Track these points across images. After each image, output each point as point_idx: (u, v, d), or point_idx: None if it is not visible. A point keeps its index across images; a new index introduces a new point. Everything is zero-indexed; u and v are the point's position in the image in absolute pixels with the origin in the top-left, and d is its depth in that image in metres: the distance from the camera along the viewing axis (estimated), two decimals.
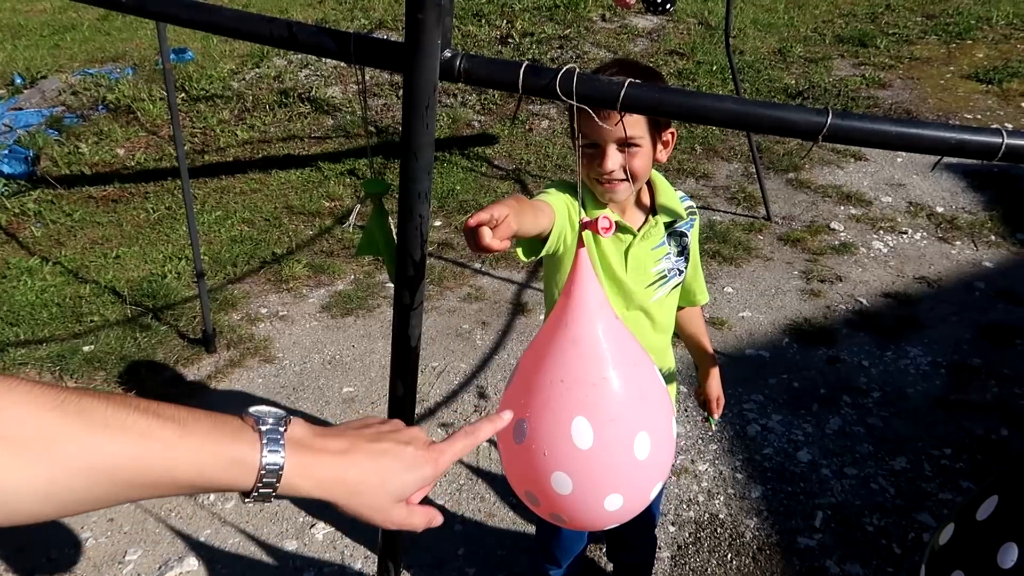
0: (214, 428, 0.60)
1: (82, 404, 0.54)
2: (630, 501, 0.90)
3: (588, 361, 0.86)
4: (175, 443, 0.57)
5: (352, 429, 0.72)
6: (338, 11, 7.64)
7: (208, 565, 2.45)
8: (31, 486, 0.51)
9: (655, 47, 6.64)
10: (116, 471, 0.54)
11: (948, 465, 2.74)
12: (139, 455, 0.55)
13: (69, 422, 0.52)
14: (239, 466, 0.60)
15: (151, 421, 0.57)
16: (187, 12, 0.85)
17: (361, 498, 0.67)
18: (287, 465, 0.62)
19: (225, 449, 0.59)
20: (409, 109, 0.76)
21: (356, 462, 0.67)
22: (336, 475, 0.65)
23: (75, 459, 0.52)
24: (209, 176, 5.03)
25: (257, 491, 0.61)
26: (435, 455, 0.72)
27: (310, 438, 0.66)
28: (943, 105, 5.63)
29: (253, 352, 3.45)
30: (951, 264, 3.94)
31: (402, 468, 0.69)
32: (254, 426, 0.63)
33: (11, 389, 0.52)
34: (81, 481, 0.53)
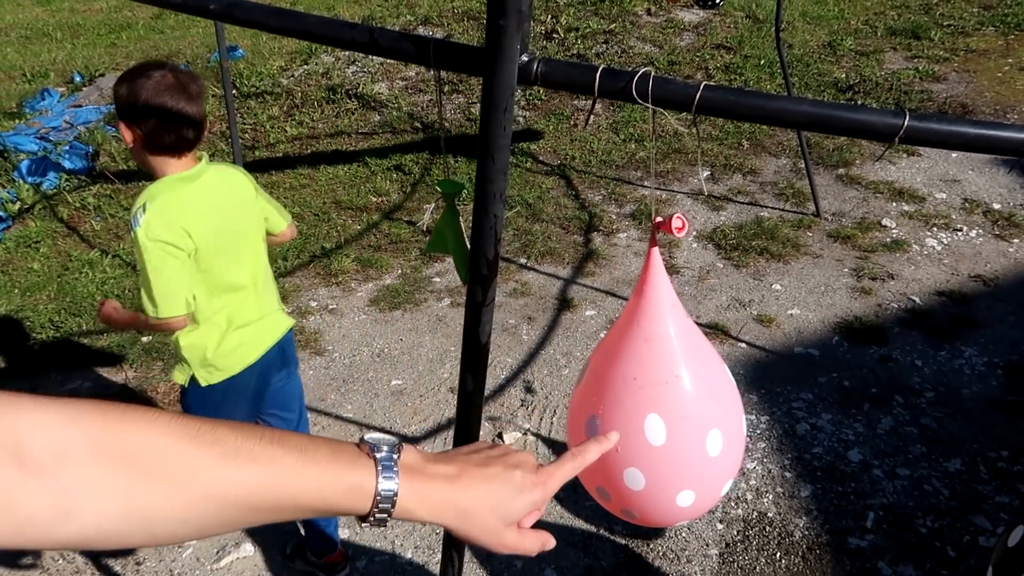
0: (333, 456, 0.63)
1: (216, 435, 0.58)
2: (702, 497, 0.92)
3: (660, 359, 0.88)
4: (299, 471, 0.60)
5: (462, 455, 0.74)
6: (384, 7, 7.72)
7: (264, 551, 2.51)
8: (171, 512, 0.55)
9: (701, 41, 6.58)
10: (246, 498, 0.58)
11: (1005, 468, 2.69)
12: (266, 482, 0.59)
13: (204, 452, 0.57)
14: (357, 492, 0.63)
15: (276, 450, 0.60)
16: (276, 19, 0.89)
17: (472, 522, 0.69)
18: (401, 491, 0.64)
19: (344, 476, 0.63)
20: (487, 112, 0.78)
21: (466, 487, 0.69)
22: (447, 500, 0.68)
23: (210, 487, 0.57)
24: (259, 171, 5.13)
25: (374, 516, 0.64)
26: (544, 479, 0.74)
27: (422, 464, 0.69)
28: (1000, 99, 5.48)
29: (304, 344, 3.52)
30: (1008, 262, 3.84)
31: (511, 492, 0.71)
32: (369, 453, 0.65)
33: (154, 421, 0.56)
34: (215, 507, 0.57)
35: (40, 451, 0.50)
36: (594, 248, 4.15)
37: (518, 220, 4.43)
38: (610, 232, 4.30)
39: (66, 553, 2.54)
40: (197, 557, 2.51)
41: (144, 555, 2.53)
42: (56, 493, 0.51)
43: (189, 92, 1.84)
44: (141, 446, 0.55)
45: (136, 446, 0.54)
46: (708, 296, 3.71)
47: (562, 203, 4.62)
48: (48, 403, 0.53)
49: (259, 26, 0.91)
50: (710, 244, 4.14)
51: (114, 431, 0.54)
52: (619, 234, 4.28)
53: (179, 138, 1.84)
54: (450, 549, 1.09)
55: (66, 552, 2.55)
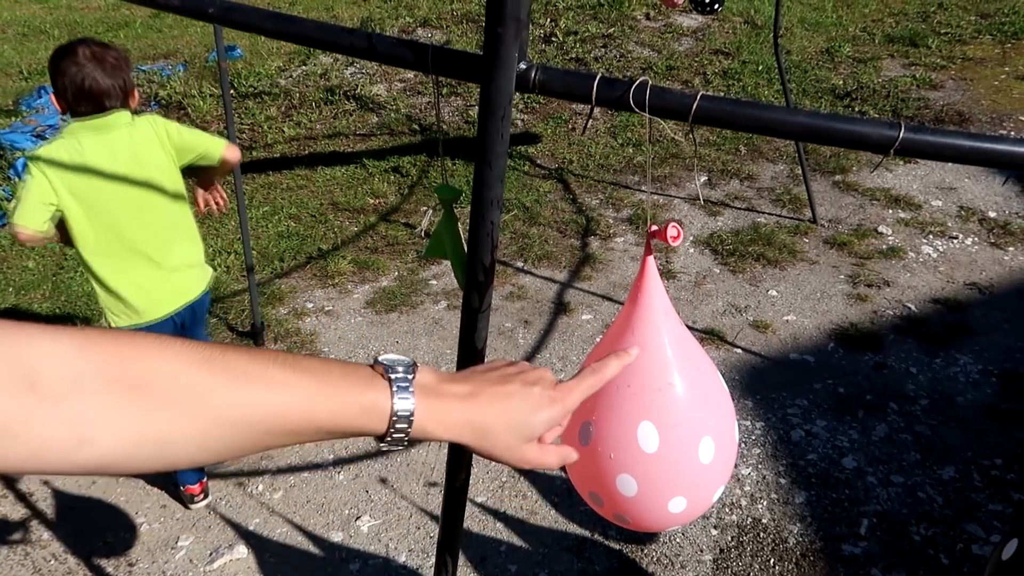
0: (346, 377, 0.63)
1: (226, 359, 0.58)
2: (694, 504, 0.92)
3: (654, 367, 0.88)
4: (312, 393, 0.60)
5: (479, 372, 0.74)
6: (383, 9, 7.72)
7: (257, 554, 2.51)
8: (187, 437, 0.56)
9: (700, 46, 6.59)
10: (260, 421, 0.58)
11: (999, 476, 2.69)
12: (280, 405, 0.59)
13: (217, 377, 0.57)
14: (372, 412, 0.63)
15: (288, 373, 0.60)
16: (273, 23, 0.89)
17: (491, 440, 0.69)
18: (417, 410, 0.64)
19: (358, 396, 0.63)
20: (485, 119, 0.78)
21: (483, 405, 0.69)
22: (464, 418, 0.68)
23: (224, 411, 0.57)
24: (257, 172, 5.13)
25: (391, 436, 0.64)
26: (562, 394, 0.73)
27: (437, 383, 0.68)
28: (997, 107, 5.50)
29: (300, 346, 3.52)
30: (1004, 270, 3.85)
31: (529, 409, 0.70)
32: (384, 374, 0.65)
33: (165, 348, 0.56)
34: (230, 431, 0.57)
35: (53, 380, 0.51)
36: (591, 252, 4.15)
37: (515, 223, 4.44)
38: (607, 236, 4.30)
39: (58, 553, 2.54)
40: (190, 559, 2.50)
41: (137, 556, 2.53)
42: (71, 421, 0.52)
43: (104, 64, 2.07)
44: (153, 373, 0.55)
45: (148, 373, 0.55)
46: (704, 301, 3.71)
47: (559, 207, 4.62)
48: (60, 333, 0.53)
49: (257, 30, 0.91)
50: (707, 249, 4.14)
51: (125, 359, 0.54)
52: (616, 238, 4.28)
53: (96, 106, 2.09)
54: (444, 553, 1.09)
55: (58, 553, 2.54)
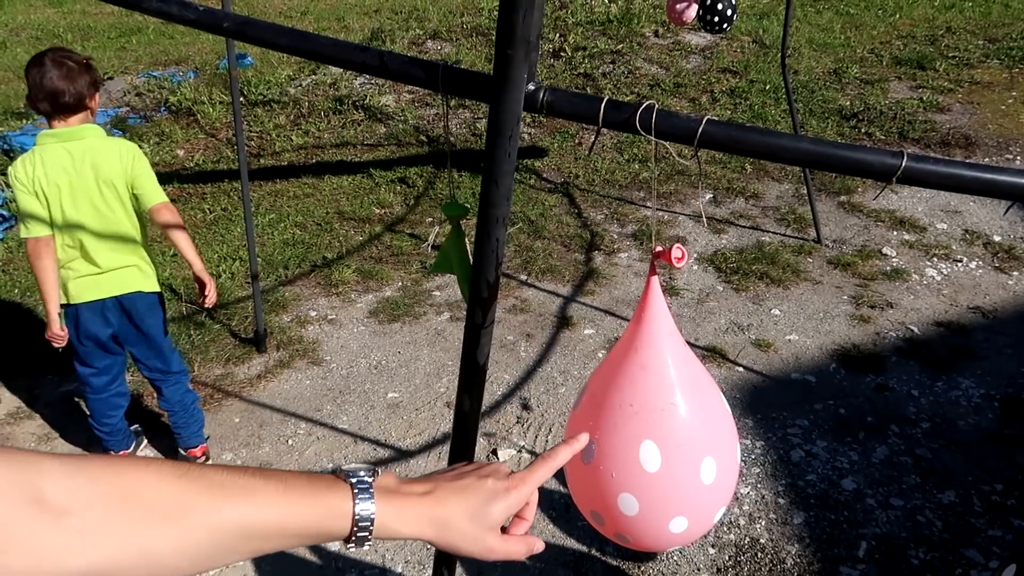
0: (311, 483, 0.69)
1: (200, 472, 0.64)
2: (695, 524, 0.92)
3: (657, 387, 0.88)
4: (279, 497, 0.66)
5: (437, 474, 0.80)
6: (394, 20, 7.78)
7: (254, 562, 2.51)
8: (170, 547, 0.61)
9: (708, 64, 6.62)
10: (235, 526, 0.63)
11: (999, 501, 2.68)
12: (251, 511, 0.64)
13: (195, 489, 0.62)
14: (335, 515, 0.68)
15: (258, 481, 0.66)
16: (286, 39, 0.90)
17: (452, 532, 0.73)
18: (378, 510, 0.69)
19: (322, 500, 0.68)
20: (493, 138, 0.79)
21: (440, 499, 0.74)
22: (424, 514, 0.72)
23: (202, 519, 0.62)
24: (264, 179, 5.16)
25: (355, 536, 0.69)
26: (516, 483, 0.78)
27: (396, 485, 0.74)
28: (1004, 131, 5.51)
29: (302, 354, 3.53)
30: (1008, 295, 3.85)
31: (485, 499, 0.75)
32: (345, 479, 0.70)
33: (148, 465, 0.62)
34: (208, 538, 0.62)
35: (55, 496, 0.56)
36: (595, 267, 4.16)
37: (520, 236, 4.45)
38: (611, 252, 4.31)
39: None
40: None
41: None
42: (69, 532, 0.56)
43: (62, 67, 2.28)
44: (139, 487, 0.60)
45: (135, 487, 0.60)
46: (707, 319, 3.71)
47: (564, 221, 4.64)
48: (54, 455, 0.59)
49: (270, 45, 0.92)
50: (711, 267, 4.15)
51: (115, 475, 0.60)
52: (620, 254, 4.29)
53: (53, 106, 2.31)
54: (441, 567, 1.09)
55: None
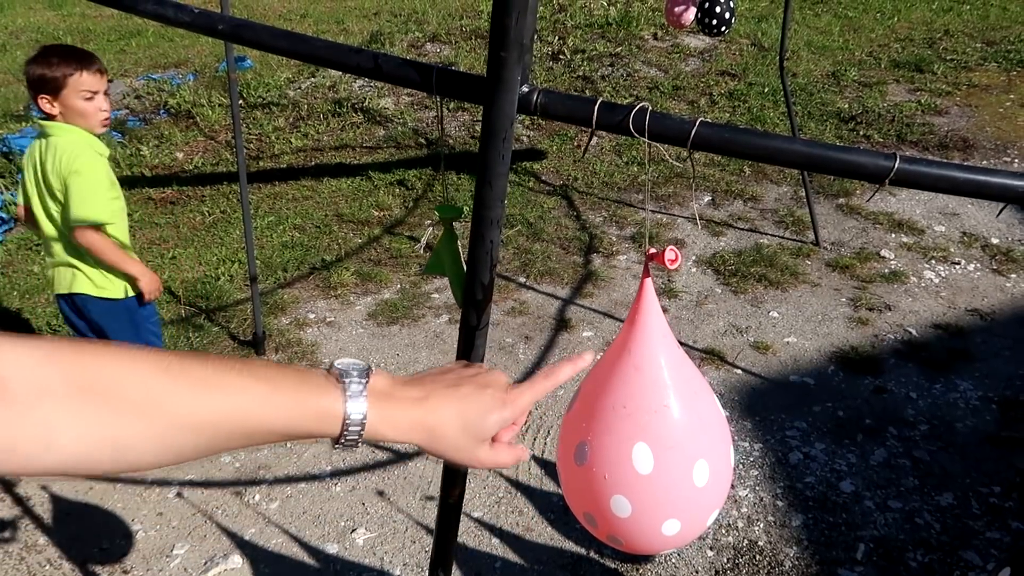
0: (301, 382, 0.65)
1: (184, 366, 0.61)
2: (687, 526, 0.93)
3: (650, 388, 0.89)
4: (267, 397, 0.63)
5: (432, 375, 0.76)
6: (393, 23, 7.79)
7: (252, 564, 2.51)
8: (148, 441, 0.59)
9: (707, 67, 6.63)
10: (218, 424, 0.61)
11: (997, 503, 2.68)
12: (236, 409, 0.62)
13: (176, 382, 0.59)
14: (326, 417, 0.65)
15: (245, 379, 0.63)
16: (283, 42, 0.91)
17: (444, 441, 0.71)
18: (369, 414, 0.66)
19: (312, 401, 0.65)
20: (487, 140, 0.80)
21: (435, 407, 0.71)
22: (416, 421, 0.70)
23: (183, 416, 0.59)
24: (263, 182, 5.16)
25: (344, 439, 0.66)
26: (514, 396, 0.75)
27: (391, 387, 0.70)
28: (1001, 134, 5.52)
29: (301, 356, 3.53)
30: (1005, 297, 3.85)
31: (481, 410, 0.72)
32: (338, 379, 0.67)
33: (126, 356, 0.59)
34: (189, 435, 0.60)
35: (21, 386, 0.53)
36: (593, 269, 4.16)
37: (519, 239, 4.45)
38: (610, 254, 4.32)
39: (53, 559, 2.54)
40: (185, 567, 2.50)
41: (132, 563, 2.52)
42: (37, 425, 0.54)
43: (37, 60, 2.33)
44: (115, 380, 0.57)
45: (111, 380, 0.57)
46: (705, 321, 3.72)
47: (563, 223, 4.64)
48: (27, 341, 0.56)
49: (267, 48, 0.93)
50: (709, 269, 4.15)
51: (89, 366, 0.57)
52: (619, 256, 4.30)
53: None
54: (437, 568, 1.09)
55: (53, 558, 2.54)
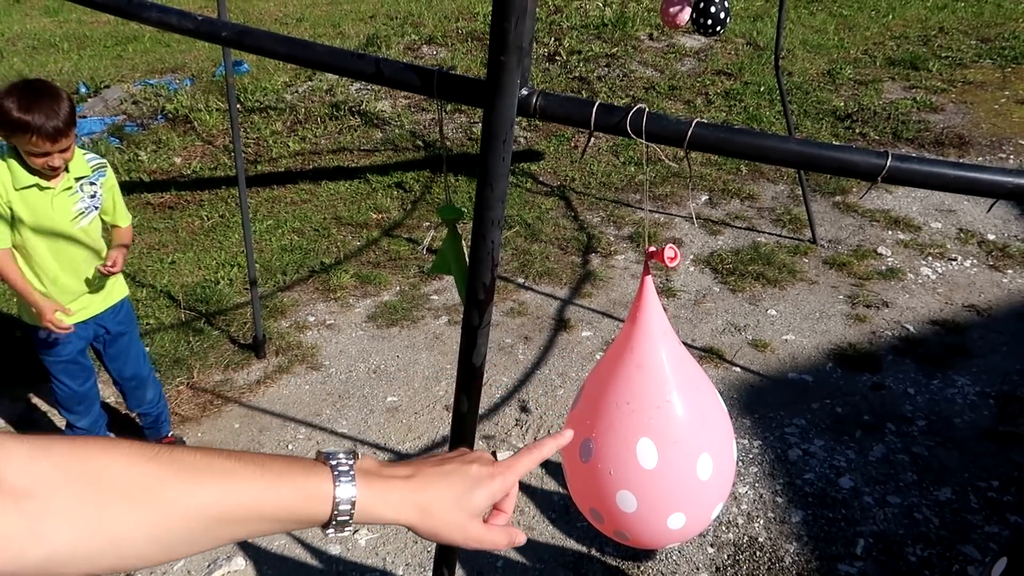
0: (289, 466, 0.66)
1: (173, 454, 0.61)
2: (692, 520, 0.94)
3: (653, 385, 0.90)
4: (256, 481, 0.63)
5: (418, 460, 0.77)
6: (389, 26, 7.80)
7: (255, 566, 2.52)
8: (139, 531, 0.58)
9: (703, 67, 6.65)
10: (208, 510, 0.60)
11: (995, 498, 2.70)
12: (226, 495, 0.61)
13: (165, 469, 0.59)
14: (315, 498, 0.65)
15: (234, 464, 0.63)
16: (284, 47, 0.92)
17: (435, 518, 0.71)
18: (359, 494, 0.67)
19: (301, 483, 0.65)
20: (487, 142, 0.81)
21: (424, 484, 0.71)
22: (406, 499, 0.70)
23: (174, 503, 0.59)
24: (261, 186, 5.17)
25: (335, 520, 0.66)
26: (501, 470, 0.76)
27: (378, 468, 0.71)
28: (997, 130, 5.55)
29: (301, 359, 3.54)
30: (1002, 293, 3.87)
31: (469, 485, 0.73)
32: (325, 462, 0.68)
33: (116, 447, 0.59)
34: (180, 522, 0.59)
35: (15, 478, 0.53)
36: (592, 269, 4.18)
37: (517, 240, 4.47)
38: (608, 254, 4.33)
39: None
40: (188, 570, 2.51)
41: None
42: (31, 516, 0.53)
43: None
44: (106, 470, 0.57)
45: (102, 470, 0.57)
46: (704, 320, 3.73)
47: (561, 224, 4.66)
48: (18, 437, 0.56)
49: (268, 53, 0.94)
50: (707, 268, 4.17)
51: (81, 458, 0.57)
52: (617, 256, 4.31)
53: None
54: (441, 566, 1.11)
55: None
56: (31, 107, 2.19)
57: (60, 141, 2.26)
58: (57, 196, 2.42)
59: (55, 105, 2.22)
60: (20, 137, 2.23)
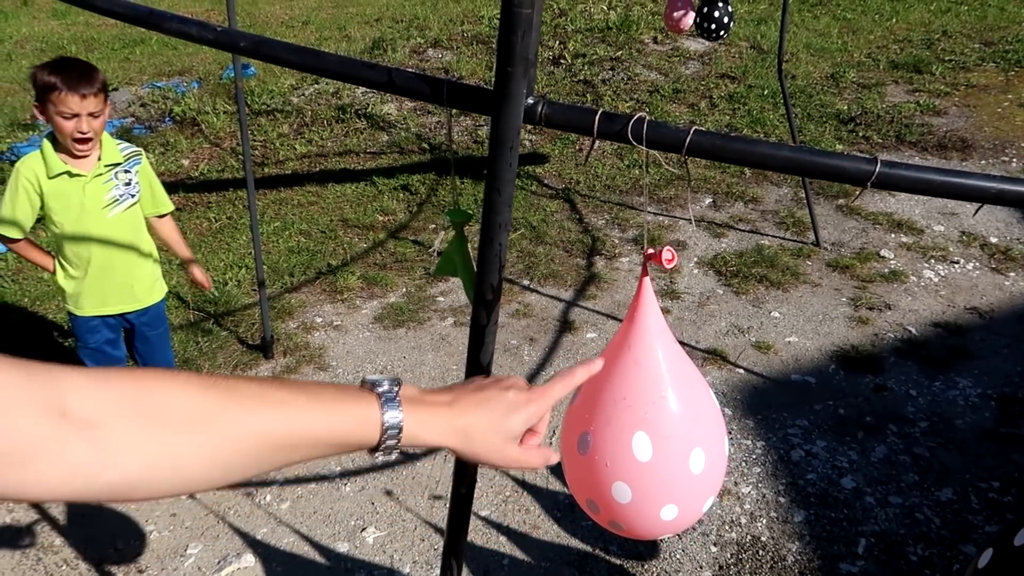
0: (339, 394, 0.70)
1: (229, 383, 0.64)
2: (685, 512, 0.98)
3: (649, 381, 0.94)
4: (309, 408, 0.66)
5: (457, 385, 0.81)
6: (395, 29, 7.85)
7: (264, 563, 2.56)
8: (199, 457, 0.61)
9: (706, 70, 6.69)
10: (264, 437, 0.64)
11: (996, 498, 2.73)
12: (281, 422, 0.65)
13: (223, 399, 0.63)
14: (364, 424, 0.69)
15: (286, 393, 0.66)
16: (297, 56, 0.96)
17: (476, 442, 0.75)
18: (405, 419, 0.71)
19: (351, 410, 0.69)
20: (495, 149, 0.85)
21: (464, 410, 0.75)
22: (449, 423, 0.74)
23: (231, 429, 0.62)
24: (268, 188, 5.22)
25: (383, 444, 0.70)
26: (536, 395, 0.80)
27: (420, 394, 0.75)
28: (999, 134, 5.57)
29: (308, 360, 3.58)
30: (1004, 295, 3.90)
31: (506, 410, 0.77)
32: (371, 389, 0.72)
33: (175, 377, 0.62)
34: (237, 448, 0.63)
35: (81, 409, 0.56)
36: (596, 272, 4.22)
37: (522, 242, 4.51)
38: (612, 256, 4.37)
39: (69, 559, 2.59)
40: (199, 566, 2.55)
41: (146, 563, 2.58)
42: (98, 445, 0.57)
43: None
44: (167, 400, 0.61)
45: (163, 400, 0.60)
46: (707, 322, 3.76)
47: (566, 226, 4.69)
48: (83, 370, 0.59)
49: (283, 63, 0.98)
50: (710, 270, 4.20)
51: (143, 388, 0.60)
52: (621, 258, 4.35)
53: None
54: (450, 557, 1.14)
55: (69, 559, 2.59)
56: (62, 69, 2.30)
57: (88, 100, 2.30)
58: (89, 183, 2.47)
59: (88, 70, 2.34)
60: (51, 99, 2.29)
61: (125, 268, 2.61)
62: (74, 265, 2.56)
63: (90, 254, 2.54)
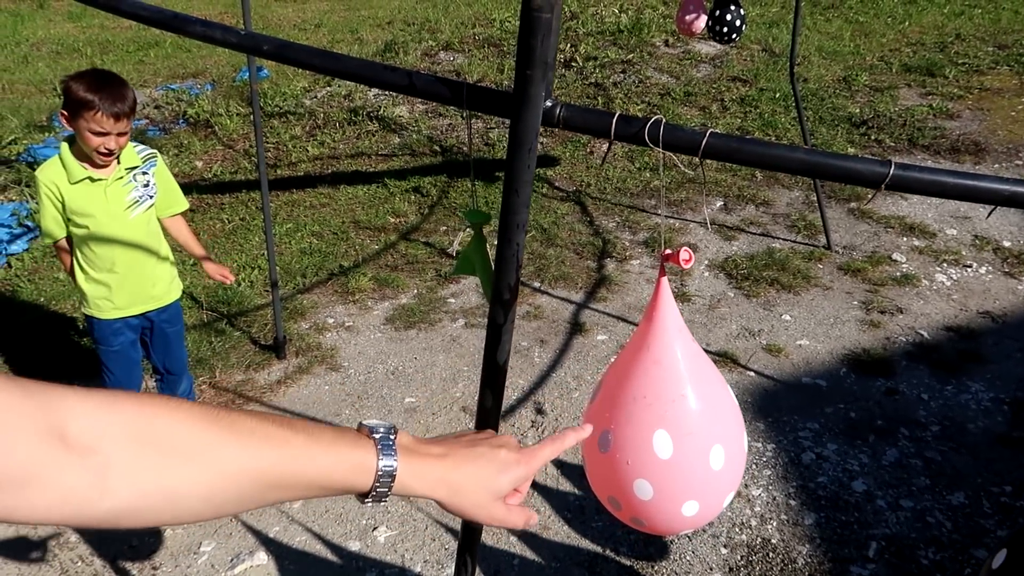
0: (337, 437, 0.70)
1: (231, 418, 0.65)
2: (705, 508, 1.00)
3: (668, 380, 0.96)
4: (307, 449, 0.67)
5: (450, 438, 0.82)
6: (407, 32, 7.89)
7: (277, 560, 2.58)
8: (195, 489, 0.61)
9: (718, 73, 6.69)
10: (260, 475, 0.64)
11: (1008, 503, 2.72)
12: (278, 461, 0.65)
13: (224, 434, 0.63)
14: (359, 470, 0.70)
15: (286, 432, 0.67)
16: (320, 60, 0.98)
17: (463, 497, 0.76)
18: (399, 468, 0.71)
19: (347, 455, 0.69)
20: (513, 151, 0.86)
21: (456, 464, 0.76)
22: (440, 476, 0.75)
23: (229, 465, 0.63)
24: (281, 189, 5.25)
25: (375, 491, 0.71)
26: (526, 457, 0.81)
27: (415, 444, 0.76)
28: (1013, 137, 5.54)
29: (320, 360, 3.60)
30: (1017, 300, 3.88)
31: (497, 469, 0.78)
32: (368, 435, 0.72)
33: (179, 408, 0.63)
34: (233, 484, 0.63)
35: (81, 433, 0.56)
36: (607, 274, 4.22)
37: (533, 244, 4.52)
38: (623, 259, 4.37)
39: (84, 556, 2.62)
40: (212, 564, 2.57)
41: (160, 560, 2.60)
42: (94, 471, 0.56)
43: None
44: (171, 429, 0.60)
45: (167, 429, 0.60)
46: (719, 324, 3.77)
47: (577, 229, 4.70)
48: (89, 392, 0.59)
49: (305, 66, 1.00)
50: (722, 273, 4.20)
51: (146, 416, 0.60)
52: (632, 261, 4.35)
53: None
54: (464, 553, 1.16)
55: (84, 555, 2.62)
56: (100, 88, 2.32)
57: (121, 122, 2.37)
58: (110, 186, 2.52)
59: (122, 90, 2.38)
60: (84, 115, 2.33)
61: (148, 267, 2.67)
62: (97, 268, 2.59)
63: (115, 256, 2.58)
